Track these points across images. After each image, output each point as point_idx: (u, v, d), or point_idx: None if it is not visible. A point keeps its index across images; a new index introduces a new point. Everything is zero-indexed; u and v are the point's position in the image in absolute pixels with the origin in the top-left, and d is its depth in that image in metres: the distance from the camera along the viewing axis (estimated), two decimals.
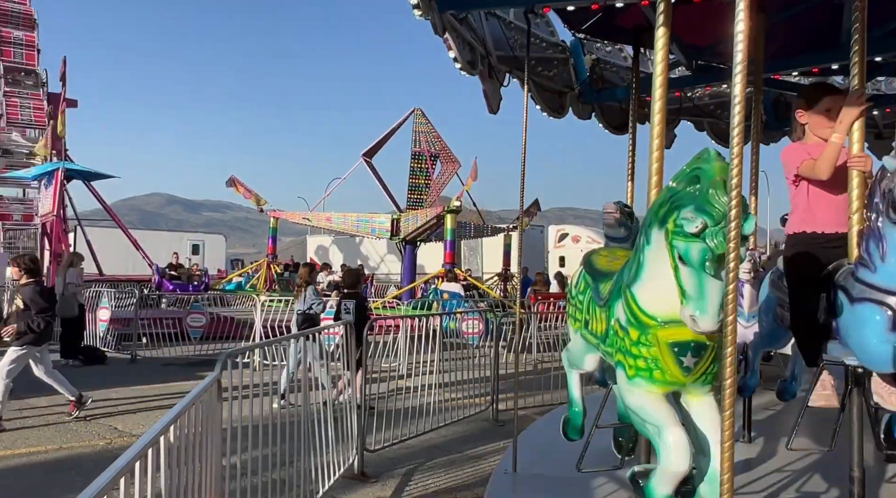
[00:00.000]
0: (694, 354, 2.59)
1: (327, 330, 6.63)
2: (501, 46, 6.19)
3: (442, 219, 16.73)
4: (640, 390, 2.69)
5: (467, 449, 6.06)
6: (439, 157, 19.85)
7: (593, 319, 3.23)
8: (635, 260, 2.77)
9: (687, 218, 2.38)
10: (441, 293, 14.31)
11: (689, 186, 2.44)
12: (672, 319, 2.56)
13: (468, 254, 28.70)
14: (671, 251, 2.47)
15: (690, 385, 2.68)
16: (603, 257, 3.61)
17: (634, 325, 2.70)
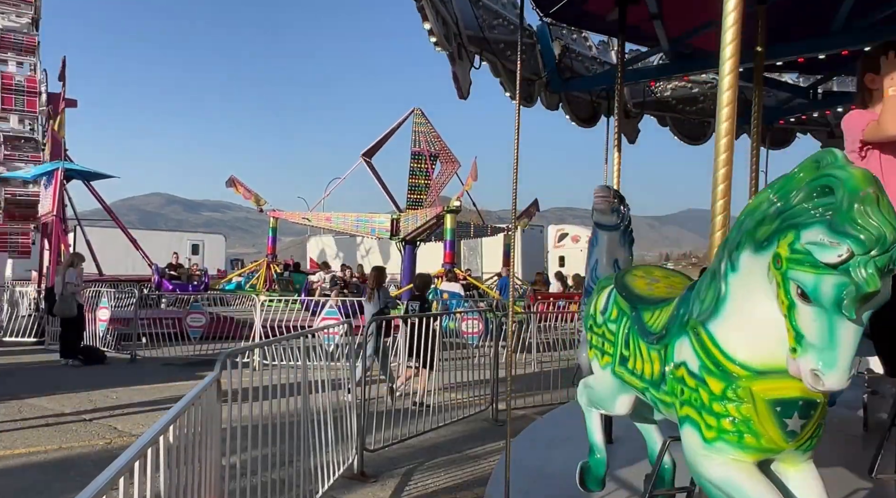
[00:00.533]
0: (802, 414, 2.06)
1: (327, 330, 6.63)
2: (471, 25, 5.96)
3: (441, 219, 16.73)
4: (724, 458, 2.14)
5: (467, 449, 6.05)
6: (439, 157, 19.85)
7: (636, 357, 2.75)
8: (712, 288, 2.22)
9: (820, 242, 1.80)
10: (441, 293, 14.31)
11: (813, 199, 1.87)
12: (773, 368, 2.03)
13: (468, 254, 28.69)
14: (784, 284, 1.90)
15: (790, 451, 2.13)
16: (639, 279, 3.10)
17: (716, 374, 2.15)
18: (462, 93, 6.03)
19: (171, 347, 11.59)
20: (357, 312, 11.69)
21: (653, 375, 2.58)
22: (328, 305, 11.41)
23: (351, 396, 5.35)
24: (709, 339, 2.19)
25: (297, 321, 11.96)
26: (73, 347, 10.61)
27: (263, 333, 10.73)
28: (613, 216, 4.35)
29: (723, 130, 2.77)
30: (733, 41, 2.64)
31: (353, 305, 12.05)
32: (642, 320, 2.75)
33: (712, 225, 2.84)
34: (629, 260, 4.59)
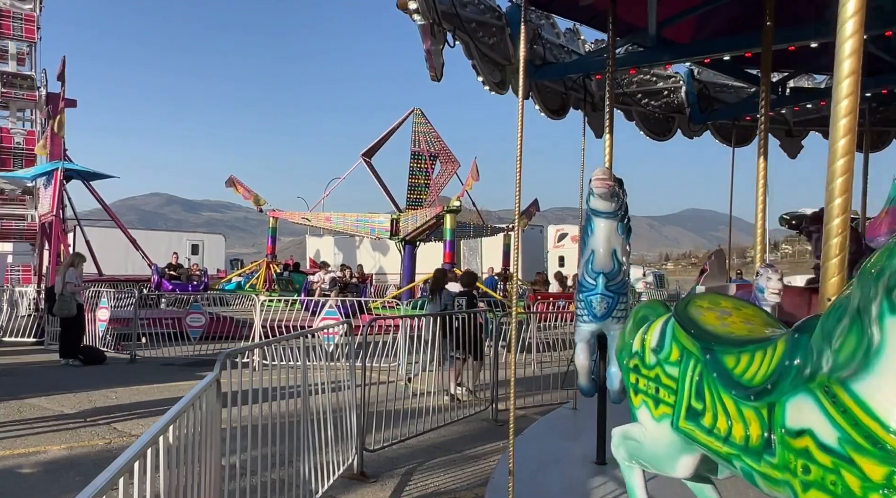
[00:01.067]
0: None
1: (327, 330, 6.62)
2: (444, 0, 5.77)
3: (441, 219, 16.71)
4: None
5: (467, 449, 6.05)
6: (439, 157, 19.84)
7: (716, 413, 2.25)
8: (853, 334, 1.75)
9: None
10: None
11: None
12: None
13: (468, 254, 28.67)
14: None
15: None
16: (707, 311, 2.59)
17: (871, 453, 1.66)
18: (435, 73, 5.83)
19: (171, 347, 11.59)
20: (357, 311, 11.69)
21: (748, 440, 2.08)
22: (328, 305, 11.41)
23: (352, 396, 5.35)
24: (855, 403, 1.70)
25: (296, 321, 11.96)
26: (74, 348, 10.61)
27: (263, 333, 10.73)
28: (613, 202, 4.13)
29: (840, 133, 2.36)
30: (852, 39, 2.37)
31: (353, 305, 12.05)
32: (724, 367, 2.25)
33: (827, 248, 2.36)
34: (628, 251, 4.50)
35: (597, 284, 4.36)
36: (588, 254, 4.45)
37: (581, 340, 4.59)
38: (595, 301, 4.38)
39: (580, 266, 4.63)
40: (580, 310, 4.54)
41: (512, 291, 20.14)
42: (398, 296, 16.62)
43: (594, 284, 4.40)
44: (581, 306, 4.52)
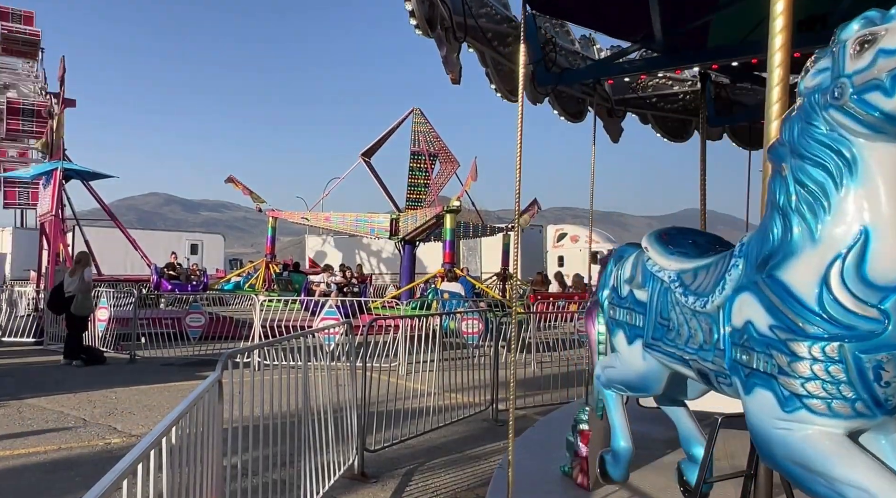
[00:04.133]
0: None
1: (327, 330, 6.62)
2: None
3: (441, 219, 16.71)
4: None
5: (467, 449, 6.05)
6: (438, 156, 19.83)
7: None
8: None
9: None
10: (441, 293, 14.31)
11: None
12: None
13: (467, 253, 28.65)
14: None
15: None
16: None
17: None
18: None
19: (171, 347, 11.58)
20: (356, 311, 11.69)
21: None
22: (328, 304, 11.41)
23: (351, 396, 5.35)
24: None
25: (296, 321, 11.96)
26: (78, 348, 10.60)
27: (263, 333, 10.73)
28: None
29: None
30: None
31: (353, 305, 12.05)
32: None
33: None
34: None
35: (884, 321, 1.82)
36: (850, 241, 1.90)
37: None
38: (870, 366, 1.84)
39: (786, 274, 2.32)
40: (816, 385, 1.92)
41: (512, 291, 20.00)
42: (398, 296, 16.62)
43: (872, 324, 1.84)
44: (813, 379, 1.92)
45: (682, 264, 2.67)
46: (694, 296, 2.46)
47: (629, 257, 3.14)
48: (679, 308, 2.57)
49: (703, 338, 2.38)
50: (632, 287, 2.99)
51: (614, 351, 3.21)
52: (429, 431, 6.26)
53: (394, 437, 5.83)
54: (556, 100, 7.81)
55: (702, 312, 2.39)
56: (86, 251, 13.32)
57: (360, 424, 5.24)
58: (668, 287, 2.68)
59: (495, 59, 6.48)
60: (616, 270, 3.20)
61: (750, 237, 2.26)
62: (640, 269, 2.96)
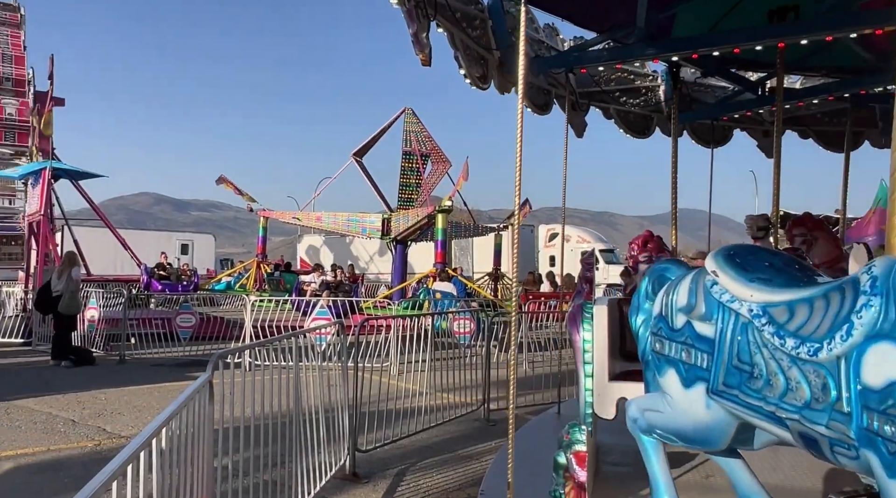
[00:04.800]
0: None
1: (319, 330, 6.61)
2: None
3: (433, 218, 16.72)
4: None
5: (459, 449, 6.06)
6: (430, 156, 19.83)
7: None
8: None
9: None
10: (433, 293, 14.31)
11: None
12: None
13: (459, 253, 28.66)
14: None
15: None
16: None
17: None
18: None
19: (161, 347, 11.52)
20: (348, 311, 11.67)
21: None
22: (319, 305, 11.39)
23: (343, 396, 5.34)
24: None
25: (287, 321, 11.92)
26: (67, 348, 10.52)
27: (254, 333, 10.69)
28: None
29: None
30: None
31: (345, 305, 12.02)
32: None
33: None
34: None
35: None
36: None
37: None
38: None
39: None
40: None
41: (508, 290, 19.94)
42: (389, 296, 16.60)
43: None
44: None
45: (768, 295, 2.17)
46: (795, 339, 1.97)
47: (683, 280, 2.60)
48: (769, 352, 2.09)
49: (813, 394, 1.90)
50: (690, 318, 2.46)
51: (660, 392, 2.68)
52: (420, 431, 6.26)
53: (385, 437, 5.82)
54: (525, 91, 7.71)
55: (810, 362, 1.92)
56: (74, 251, 13.23)
57: (351, 425, 5.23)
58: (750, 323, 2.18)
59: (464, 42, 6.30)
60: (665, 296, 2.68)
61: (889, 267, 1.79)
62: (702, 296, 2.43)
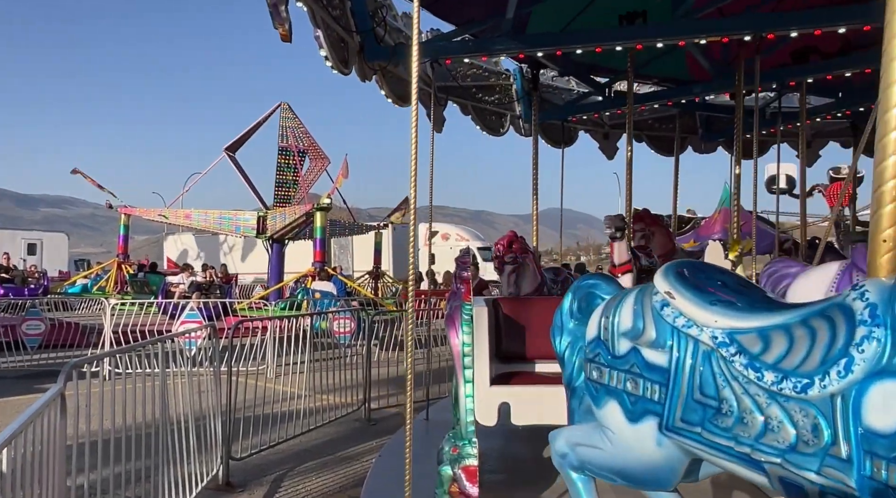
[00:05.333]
0: None
1: (189, 334, 6.25)
2: None
3: (311, 216, 16.41)
4: None
5: (339, 451, 5.97)
6: (308, 153, 19.40)
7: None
8: None
9: None
10: (312, 292, 14.00)
11: None
12: None
13: (338, 252, 28.31)
14: None
15: None
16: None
17: None
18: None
19: (4, 357, 10.37)
20: (221, 313, 11.15)
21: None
22: (188, 307, 10.76)
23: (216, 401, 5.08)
24: None
25: (153, 326, 11.16)
26: None
27: (115, 339, 9.90)
28: None
29: None
30: None
31: (217, 307, 11.47)
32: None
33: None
34: None
35: None
36: None
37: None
38: None
39: None
40: None
41: (384, 289, 19.89)
42: (266, 296, 16.06)
43: None
44: None
45: (734, 321, 1.91)
46: (775, 372, 1.71)
47: (625, 300, 2.30)
48: (740, 386, 1.81)
49: (800, 436, 1.65)
50: (637, 344, 2.16)
51: (595, 425, 2.37)
52: (299, 434, 6.10)
53: (262, 443, 5.61)
54: (384, 79, 7.31)
55: (796, 399, 1.66)
56: None
57: (224, 432, 4.99)
58: (713, 352, 1.92)
59: (325, 21, 6.11)
60: (603, 318, 2.37)
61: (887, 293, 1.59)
62: (651, 319, 2.13)
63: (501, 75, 9.50)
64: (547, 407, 3.72)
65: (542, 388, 3.84)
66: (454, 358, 3.53)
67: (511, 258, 6.13)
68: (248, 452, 5.39)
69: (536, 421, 3.83)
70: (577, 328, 2.66)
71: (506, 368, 4.18)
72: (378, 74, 7.18)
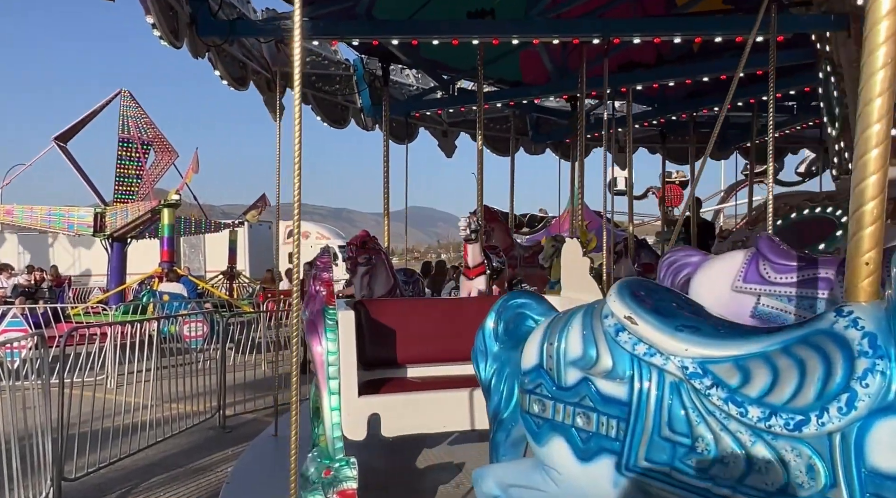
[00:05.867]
0: None
1: (10, 344, 5.56)
2: None
3: (157, 213, 15.39)
4: None
5: (191, 462, 5.61)
6: (153, 145, 18.06)
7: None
8: None
9: None
10: (160, 295, 13.07)
11: None
12: None
13: (189, 251, 26.71)
14: None
15: None
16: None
17: None
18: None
19: None
20: (51, 320, 10.08)
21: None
22: (10, 314, 9.59)
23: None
24: None
25: None
26: None
27: None
28: None
29: None
30: None
31: (46, 313, 10.36)
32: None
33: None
34: None
35: None
36: None
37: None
38: None
39: None
40: None
41: (239, 290, 19.04)
42: (105, 300, 14.73)
43: None
44: None
45: (705, 349, 1.74)
46: (761, 408, 1.57)
47: (571, 324, 2.05)
48: (717, 422, 1.66)
49: (793, 478, 1.53)
50: (590, 374, 1.94)
51: (534, 463, 2.15)
52: (145, 447, 5.66)
53: (101, 460, 5.13)
54: (219, 58, 6.87)
55: (786, 437, 1.54)
56: None
57: (55, 451, 4.49)
58: (682, 383, 1.75)
59: None
60: (545, 343, 2.11)
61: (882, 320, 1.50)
62: (605, 346, 1.92)
63: (341, 65, 9.31)
64: (420, 416, 3.58)
65: (415, 395, 3.66)
66: (317, 367, 3.26)
67: (365, 259, 5.95)
68: (84, 472, 4.91)
69: (409, 431, 3.66)
70: (504, 353, 2.41)
71: (370, 376, 3.92)
72: (212, 52, 6.68)
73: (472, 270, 5.96)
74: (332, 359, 3.20)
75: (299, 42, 2.28)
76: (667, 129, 12.56)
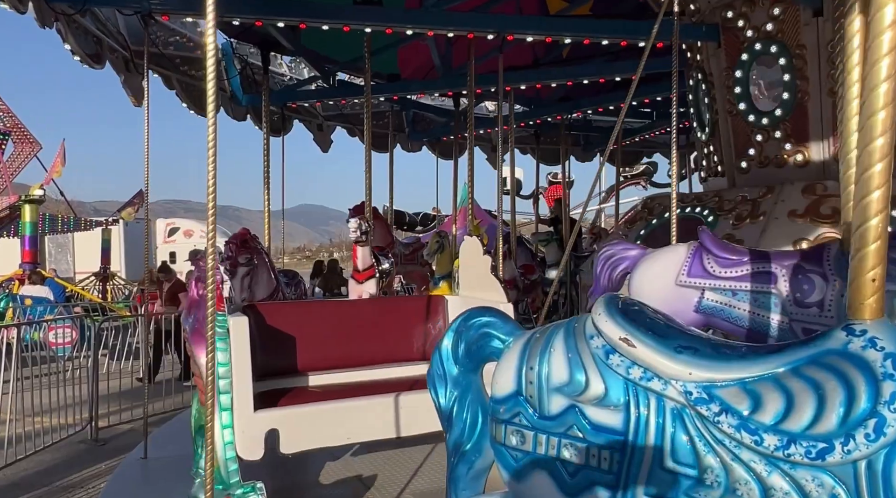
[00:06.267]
0: None
1: None
2: None
3: (17, 210, 14.20)
4: None
5: (58, 479, 5.21)
6: (11, 136, 16.55)
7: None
8: None
9: None
10: (21, 299, 12.00)
11: None
12: None
13: (55, 251, 24.73)
14: None
15: None
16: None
17: None
18: None
19: None
20: None
21: None
22: None
23: None
24: None
25: None
26: None
27: None
28: None
29: None
30: None
31: None
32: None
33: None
34: None
35: None
36: None
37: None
38: None
39: None
40: None
41: (113, 292, 17.94)
42: None
43: None
44: None
45: (709, 372, 1.63)
46: (778, 435, 1.49)
47: (553, 345, 1.88)
48: (728, 451, 1.56)
49: None
50: (578, 401, 1.79)
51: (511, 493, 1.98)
52: (3, 466, 5.19)
53: None
54: (69, 30, 6.22)
55: (807, 466, 1.46)
56: None
57: None
58: (685, 409, 1.64)
59: None
60: (525, 367, 1.92)
61: None
62: (594, 370, 1.77)
63: None
64: (323, 428, 3.36)
65: (316, 406, 3.41)
66: (204, 381, 2.93)
67: (246, 259, 5.66)
68: None
69: (311, 446, 3.42)
70: (464, 377, 2.21)
71: (262, 386, 3.59)
72: (61, 22, 6.01)
73: (361, 274, 5.90)
74: (222, 371, 2.94)
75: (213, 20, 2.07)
76: (540, 130, 13.09)
